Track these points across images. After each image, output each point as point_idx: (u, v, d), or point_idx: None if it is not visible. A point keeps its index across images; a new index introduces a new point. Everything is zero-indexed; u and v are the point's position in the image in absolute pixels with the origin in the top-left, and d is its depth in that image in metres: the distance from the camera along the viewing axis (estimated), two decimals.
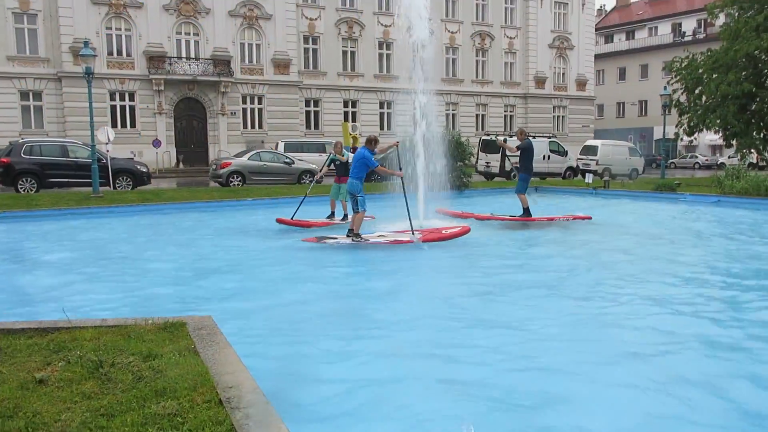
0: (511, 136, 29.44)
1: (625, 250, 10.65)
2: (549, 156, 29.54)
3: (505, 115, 46.34)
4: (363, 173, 10.73)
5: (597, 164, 31.24)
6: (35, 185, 19.57)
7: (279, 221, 12.75)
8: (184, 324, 4.94)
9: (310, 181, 18.15)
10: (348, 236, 10.74)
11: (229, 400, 3.43)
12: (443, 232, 11.13)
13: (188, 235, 12.20)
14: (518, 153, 13.57)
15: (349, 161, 12.13)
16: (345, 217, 13.42)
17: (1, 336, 4.66)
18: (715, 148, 53.48)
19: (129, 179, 21.00)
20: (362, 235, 10.76)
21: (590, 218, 13.90)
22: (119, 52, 33.67)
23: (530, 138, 13.55)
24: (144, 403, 3.46)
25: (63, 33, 31.99)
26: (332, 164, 13.94)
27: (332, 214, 13.74)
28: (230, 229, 12.93)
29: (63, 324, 4.93)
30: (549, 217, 13.77)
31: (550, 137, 30.68)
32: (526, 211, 13.46)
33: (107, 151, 20.94)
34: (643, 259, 9.93)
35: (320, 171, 15.47)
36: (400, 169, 11.50)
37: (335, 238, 10.75)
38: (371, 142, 10.85)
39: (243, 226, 13.47)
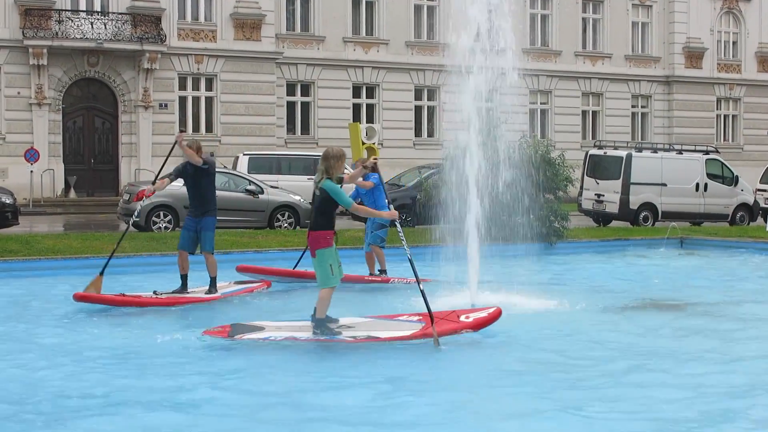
0: (639, 150, 29.81)
1: None
2: (707, 185, 29.40)
3: (633, 113, 47.10)
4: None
5: None
6: None
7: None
8: None
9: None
10: None
11: None
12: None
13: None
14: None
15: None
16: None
17: None
18: None
19: None
20: None
21: (269, 285, 14.52)
22: None
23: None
24: None
25: None
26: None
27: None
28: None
29: None
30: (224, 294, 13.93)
31: (707, 152, 30.73)
32: (213, 282, 13.51)
33: None
34: None
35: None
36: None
37: None
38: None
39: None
